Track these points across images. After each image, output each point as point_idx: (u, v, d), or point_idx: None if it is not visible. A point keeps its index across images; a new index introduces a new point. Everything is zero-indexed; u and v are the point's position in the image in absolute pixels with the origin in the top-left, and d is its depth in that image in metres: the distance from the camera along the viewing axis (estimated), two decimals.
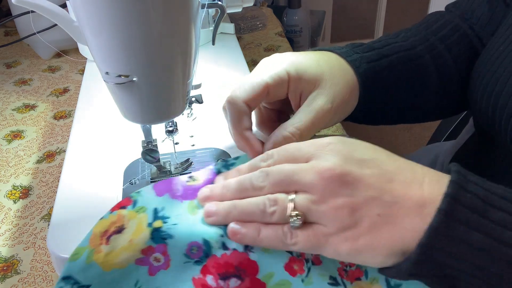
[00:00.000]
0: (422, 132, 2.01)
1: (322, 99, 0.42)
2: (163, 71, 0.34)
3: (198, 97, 0.49)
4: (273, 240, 0.34)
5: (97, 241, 0.34)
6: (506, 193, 0.32)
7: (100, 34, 0.31)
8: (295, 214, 0.33)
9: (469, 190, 0.31)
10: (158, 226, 0.35)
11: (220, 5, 0.42)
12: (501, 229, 0.30)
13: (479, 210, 0.31)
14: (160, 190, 0.37)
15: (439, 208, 0.31)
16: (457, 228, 0.30)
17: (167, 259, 0.35)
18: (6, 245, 0.49)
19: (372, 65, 0.47)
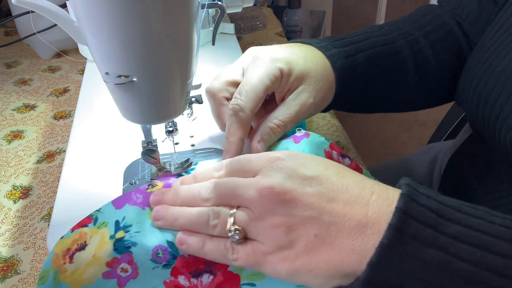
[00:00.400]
0: (422, 132, 2.01)
1: (306, 94, 0.44)
2: (163, 71, 0.34)
3: (198, 97, 0.49)
4: (216, 254, 0.34)
5: (59, 261, 0.34)
6: (462, 206, 0.31)
7: (100, 34, 0.31)
8: (234, 229, 0.33)
9: (421, 203, 0.30)
10: (120, 237, 0.35)
11: (220, 5, 0.43)
12: (457, 243, 0.28)
13: (433, 223, 0.29)
14: (119, 204, 0.37)
15: (389, 224, 0.29)
16: (409, 244, 0.29)
17: (134, 267, 0.34)
18: (6, 245, 0.49)
19: (349, 60, 0.48)
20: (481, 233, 0.29)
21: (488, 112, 0.46)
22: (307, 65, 0.45)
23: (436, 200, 0.30)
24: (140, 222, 0.36)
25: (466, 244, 0.28)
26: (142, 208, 0.37)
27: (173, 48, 0.33)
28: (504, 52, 0.46)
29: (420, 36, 0.54)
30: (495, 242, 0.28)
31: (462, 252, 0.28)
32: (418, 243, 0.29)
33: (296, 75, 0.44)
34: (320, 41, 0.50)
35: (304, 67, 0.45)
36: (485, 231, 0.29)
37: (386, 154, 1.89)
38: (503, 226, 0.29)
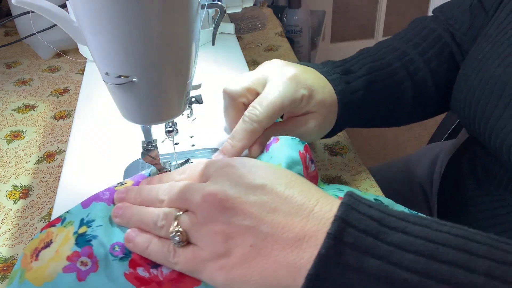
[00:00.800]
0: (422, 132, 2.01)
1: (316, 123, 0.47)
2: (163, 72, 0.34)
3: (198, 97, 0.49)
4: (159, 255, 0.35)
5: (27, 261, 0.35)
6: (406, 215, 0.29)
7: (100, 35, 0.31)
8: (176, 231, 0.33)
9: (362, 212, 0.29)
10: (83, 232, 0.36)
11: (220, 5, 0.43)
12: (400, 252, 0.27)
13: (374, 232, 0.28)
14: (86, 203, 0.38)
15: (328, 232, 0.28)
16: (348, 254, 0.27)
17: (94, 260, 0.35)
18: (6, 245, 0.49)
19: (348, 85, 0.50)
20: (426, 240, 0.27)
21: (478, 119, 0.47)
22: (324, 95, 0.47)
23: (379, 210, 0.29)
24: (104, 217, 0.37)
25: (409, 252, 0.27)
26: (107, 204, 0.38)
27: (173, 48, 0.33)
28: (491, 60, 0.46)
29: (416, 55, 0.55)
30: (440, 249, 0.27)
31: (404, 261, 0.27)
32: (357, 252, 0.28)
33: (314, 103, 0.46)
34: (322, 65, 0.51)
35: (323, 97, 0.47)
36: (429, 238, 0.28)
37: (386, 154, 1.89)
38: (450, 234, 0.28)
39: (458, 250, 0.27)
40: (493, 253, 0.27)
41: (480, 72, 0.47)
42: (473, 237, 0.28)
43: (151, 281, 0.35)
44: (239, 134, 0.43)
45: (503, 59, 0.45)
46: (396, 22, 2.33)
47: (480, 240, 0.28)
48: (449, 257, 0.27)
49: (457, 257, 0.27)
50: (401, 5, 2.65)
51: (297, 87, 0.45)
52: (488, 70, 0.46)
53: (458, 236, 0.28)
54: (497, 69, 0.45)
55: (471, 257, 0.27)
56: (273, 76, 0.46)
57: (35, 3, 0.32)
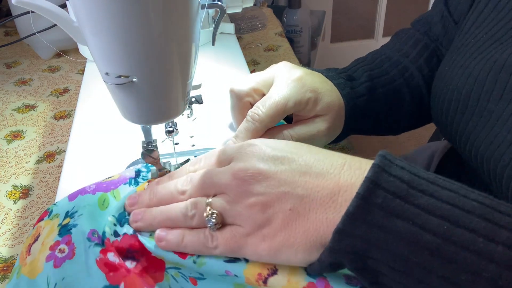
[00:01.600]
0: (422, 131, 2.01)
1: (326, 126, 0.47)
2: (163, 72, 0.34)
3: (198, 98, 0.49)
4: (196, 244, 0.35)
5: (23, 257, 0.36)
6: (436, 179, 0.30)
7: (100, 35, 0.31)
8: (211, 213, 0.33)
9: (393, 173, 0.29)
10: (66, 223, 0.36)
11: (220, 5, 0.42)
12: (426, 215, 0.28)
13: (402, 194, 0.29)
14: (73, 196, 0.39)
15: (357, 192, 0.29)
16: (376, 214, 0.28)
17: (71, 248, 0.35)
18: (6, 245, 0.49)
19: (353, 90, 0.51)
20: (451, 206, 0.28)
21: (449, 129, 0.48)
22: (332, 98, 0.47)
23: (410, 172, 0.30)
24: (86, 206, 0.38)
25: (434, 216, 0.28)
26: (93, 193, 0.39)
27: (173, 48, 0.33)
28: (455, 71, 0.47)
29: (409, 63, 0.57)
30: (464, 216, 0.28)
31: (429, 224, 0.28)
32: (384, 212, 0.28)
33: (322, 106, 0.46)
34: (326, 71, 0.52)
35: (329, 100, 0.47)
36: (456, 204, 0.29)
37: None
38: (476, 201, 0.29)
39: (482, 219, 0.28)
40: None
41: (446, 83, 0.48)
42: (497, 207, 0.29)
43: (121, 267, 0.35)
44: (241, 133, 0.44)
45: (464, 70, 0.46)
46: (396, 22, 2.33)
47: (504, 210, 0.29)
48: (472, 225, 0.28)
49: (480, 226, 0.28)
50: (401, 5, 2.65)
51: (303, 89, 0.45)
52: (453, 80, 0.47)
53: (483, 204, 0.29)
54: (460, 80, 0.45)
55: (493, 226, 0.28)
56: (279, 77, 0.46)
57: (35, 3, 0.32)
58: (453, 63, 0.48)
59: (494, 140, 0.41)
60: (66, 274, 0.34)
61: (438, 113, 0.50)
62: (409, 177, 0.30)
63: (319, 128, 0.47)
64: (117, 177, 0.41)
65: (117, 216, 0.37)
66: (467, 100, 0.44)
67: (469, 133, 0.44)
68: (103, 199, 0.39)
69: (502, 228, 0.28)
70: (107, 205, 0.38)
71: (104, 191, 0.39)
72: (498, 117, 0.41)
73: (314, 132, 0.47)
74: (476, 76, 0.44)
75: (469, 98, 0.44)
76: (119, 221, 0.37)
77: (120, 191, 0.40)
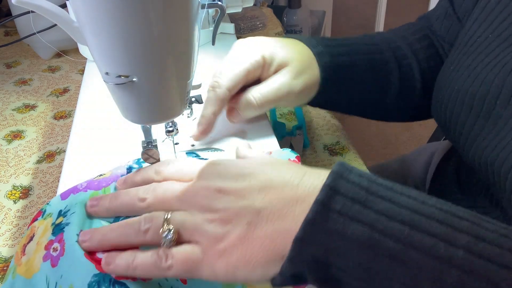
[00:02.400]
0: (422, 132, 2.01)
1: (287, 75, 0.47)
2: (163, 72, 0.34)
3: (198, 97, 0.49)
4: (148, 265, 0.33)
5: (18, 257, 0.36)
6: (394, 186, 0.30)
7: (100, 34, 0.31)
8: (168, 229, 0.32)
9: (351, 180, 0.29)
10: (59, 222, 0.36)
11: (220, 5, 0.43)
12: (386, 220, 0.28)
13: (361, 200, 0.28)
14: (65, 195, 0.39)
15: (316, 199, 0.29)
16: (335, 220, 0.28)
17: (62, 245, 0.35)
18: (6, 245, 0.49)
19: (334, 60, 0.51)
20: (411, 211, 0.28)
21: (453, 129, 0.48)
22: (290, 53, 0.48)
23: (369, 179, 0.30)
24: (78, 203, 0.38)
25: (394, 221, 0.28)
26: (84, 191, 0.39)
27: (173, 48, 0.33)
28: (460, 71, 0.47)
29: (404, 44, 0.56)
30: (424, 221, 0.28)
31: (389, 229, 0.27)
32: (343, 218, 0.28)
33: (278, 62, 0.47)
34: (310, 39, 0.52)
35: (287, 55, 0.48)
36: (415, 209, 0.28)
37: (386, 154, 1.89)
38: (435, 207, 0.29)
39: (441, 224, 0.28)
40: (474, 230, 0.28)
41: (451, 82, 0.47)
42: (456, 212, 0.29)
43: None
44: (206, 103, 0.46)
45: (471, 72, 0.45)
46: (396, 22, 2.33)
47: (463, 216, 0.29)
48: (432, 230, 0.27)
49: (440, 230, 0.27)
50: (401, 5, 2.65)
51: (255, 49, 0.47)
52: (458, 81, 0.46)
53: (442, 210, 0.29)
54: (466, 81, 0.45)
55: (453, 231, 0.28)
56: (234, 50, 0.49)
57: (35, 3, 0.32)
58: (459, 62, 0.48)
59: (499, 144, 0.41)
60: (63, 271, 0.34)
61: (441, 113, 0.49)
62: (367, 183, 0.29)
63: (281, 81, 0.47)
64: (109, 175, 0.41)
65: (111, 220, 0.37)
66: (472, 101, 0.44)
67: (475, 135, 0.44)
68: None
69: (462, 233, 0.27)
70: None
71: (95, 189, 0.39)
72: (506, 121, 0.41)
73: (277, 85, 0.47)
74: (483, 79, 0.43)
75: (474, 100, 0.44)
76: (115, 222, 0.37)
77: (112, 189, 0.40)
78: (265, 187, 0.32)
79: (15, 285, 0.35)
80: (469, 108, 0.44)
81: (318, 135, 0.69)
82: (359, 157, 0.64)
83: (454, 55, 0.50)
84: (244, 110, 0.48)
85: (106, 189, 0.40)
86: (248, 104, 0.47)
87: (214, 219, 0.32)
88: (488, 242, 0.27)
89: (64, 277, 0.34)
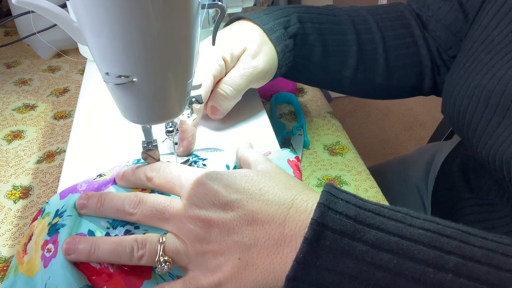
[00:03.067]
0: (423, 132, 2.01)
1: (248, 59, 0.51)
2: (163, 72, 0.34)
3: (198, 97, 0.49)
4: None
5: (20, 256, 0.36)
6: (381, 209, 0.30)
7: (100, 34, 0.31)
8: (163, 261, 0.33)
9: (339, 210, 0.29)
10: (55, 222, 0.36)
11: (220, 5, 0.42)
12: (374, 251, 0.28)
13: (350, 232, 0.29)
14: (64, 194, 0.39)
15: (305, 237, 0.29)
16: (325, 257, 0.28)
17: (56, 246, 0.35)
18: (6, 245, 0.49)
19: (288, 30, 0.54)
20: (399, 237, 0.28)
21: (466, 126, 0.48)
22: (244, 40, 0.51)
23: (356, 205, 0.30)
24: (75, 207, 0.38)
25: (383, 251, 0.28)
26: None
27: (173, 48, 0.33)
28: (477, 68, 0.47)
29: (371, 19, 0.57)
30: (412, 247, 0.28)
31: (378, 260, 0.28)
32: (334, 254, 0.28)
33: (237, 54, 0.51)
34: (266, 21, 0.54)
35: (242, 43, 0.51)
36: (403, 235, 0.29)
37: (386, 154, 1.89)
38: (422, 229, 0.29)
39: (429, 247, 0.28)
40: (462, 249, 0.28)
41: (467, 79, 0.47)
42: (444, 231, 0.29)
43: (102, 272, 0.35)
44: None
45: (489, 69, 0.45)
46: None
47: (451, 234, 0.29)
48: (420, 255, 0.28)
49: (428, 255, 0.28)
50: None
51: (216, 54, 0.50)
52: (475, 78, 0.46)
53: (430, 231, 0.29)
54: (484, 79, 0.45)
55: (441, 253, 0.28)
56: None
57: (35, 3, 0.32)
58: (475, 59, 0.47)
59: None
60: (51, 273, 0.34)
61: (454, 109, 0.49)
62: (355, 211, 0.30)
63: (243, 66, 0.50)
64: (109, 176, 0.41)
65: (111, 221, 0.37)
66: (488, 98, 0.44)
67: (490, 131, 0.44)
68: None
69: (450, 254, 0.28)
70: None
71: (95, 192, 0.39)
72: None
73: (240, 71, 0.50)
74: (501, 76, 0.43)
75: (491, 97, 0.44)
76: (112, 225, 0.37)
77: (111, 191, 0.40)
78: (252, 221, 0.32)
79: (16, 283, 0.35)
80: (485, 104, 0.44)
81: (318, 135, 0.69)
82: (359, 157, 0.64)
83: (469, 52, 0.49)
84: (221, 105, 0.50)
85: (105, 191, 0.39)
86: (222, 98, 0.50)
87: (206, 251, 0.33)
88: (475, 261, 0.27)
89: (52, 279, 0.34)
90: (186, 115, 0.53)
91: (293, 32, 0.54)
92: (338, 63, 0.57)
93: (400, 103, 2.15)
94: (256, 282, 0.31)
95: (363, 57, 0.56)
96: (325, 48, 0.56)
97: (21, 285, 0.35)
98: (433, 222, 0.30)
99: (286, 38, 0.53)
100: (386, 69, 0.58)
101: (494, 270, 0.27)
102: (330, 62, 0.57)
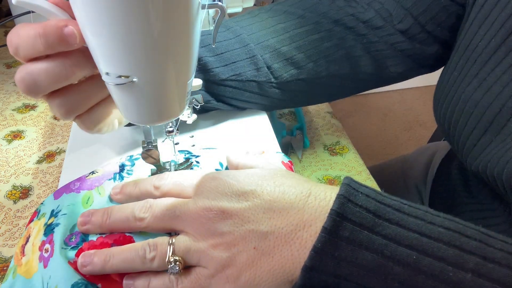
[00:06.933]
0: (423, 132, 2.01)
1: None
2: (163, 72, 0.34)
3: (198, 98, 0.49)
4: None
5: (18, 257, 0.37)
6: (402, 205, 0.30)
7: (100, 34, 0.31)
8: (173, 260, 0.32)
9: (358, 203, 0.29)
10: (50, 222, 0.37)
11: (220, 5, 0.42)
12: (394, 246, 0.28)
13: (369, 225, 0.28)
14: (58, 194, 0.39)
15: (323, 227, 0.28)
16: (343, 248, 0.28)
17: (52, 246, 0.35)
18: (6, 245, 0.49)
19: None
20: (419, 234, 0.28)
21: (457, 138, 0.47)
22: None
23: (376, 200, 0.30)
24: (70, 205, 0.37)
25: (402, 246, 0.28)
26: (77, 192, 0.39)
27: (173, 48, 0.33)
28: (466, 80, 0.45)
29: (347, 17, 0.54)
30: (432, 244, 0.28)
31: (397, 255, 0.28)
32: (352, 246, 0.28)
33: None
34: None
35: None
36: (423, 232, 0.28)
37: (386, 154, 1.89)
38: (442, 227, 0.29)
39: (449, 246, 0.28)
40: (482, 249, 0.28)
41: (457, 91, 0.46)
42: (464, 231, 0.29)
43: None
44: None
45: (480, 82, 0.43)
46: None
47: (471, 234, 0.28)
48: (440, 253, 0.27)
49: (448, 253, 0.27)
50: None
51: None
52: (465, 90, 0.45)
53: (450, 229, 0.29)
54: (476, 93, 0.44)
55: (461, 253, 0.27)
56: None
57: (35, 3, 0.32)
58: (463, 69, 0.46)
59: (510, 160, 0.40)
60: (51, 272, 0.34)
61: (444, 118, 0.48)
62: (375, 206, 0.29)
63: None
64: (101, 173, 0.41)
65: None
66: (481, 115, 0.43)
67: (480, 149, 0.43)
68: (87, 198, 0.39)
69: (470, 254, 0.27)
70: (91, 203, 0.38)
71: (88, 188, 0.39)
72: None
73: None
74: (497, 93, 0.42)
75: (484, 114, 0.42)
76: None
77: (105, 187, 0.40)
78: (269, 209, 0.31)
79: (15, 285, 0.35)
80: (476, 120, 0.43)
81: (318, 135, 0.69)
82: (359, 157, 0.64)
83: (456, 59, 0.48)
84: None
85: (99, 188, 0.39)
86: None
87: (218, 244, 0.32)
88: (496, 263, 0.27)
89: (52, 278, 0.34)
90: (186, 115, 0.53)
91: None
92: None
93: (400, 103, 2.15)
94: (272, 272, 0.30)
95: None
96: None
97: (19, 286, 0.35)
98: (453, 221, 0.29)
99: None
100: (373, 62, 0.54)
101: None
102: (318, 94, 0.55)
